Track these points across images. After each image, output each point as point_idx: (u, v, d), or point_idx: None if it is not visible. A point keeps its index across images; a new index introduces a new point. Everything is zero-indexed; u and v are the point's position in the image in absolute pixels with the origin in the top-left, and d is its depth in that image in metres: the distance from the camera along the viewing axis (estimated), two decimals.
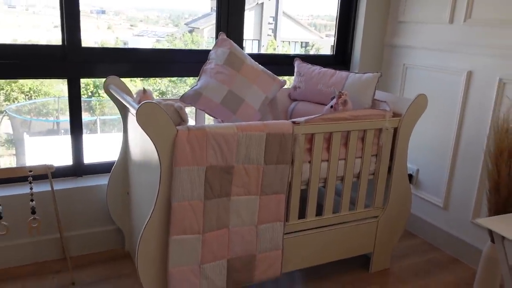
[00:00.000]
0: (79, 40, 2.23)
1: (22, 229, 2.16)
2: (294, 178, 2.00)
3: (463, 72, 2.47)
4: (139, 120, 1.62)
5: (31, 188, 2.04)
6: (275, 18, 11.69)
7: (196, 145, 1.71)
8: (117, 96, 2.07)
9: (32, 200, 2.06)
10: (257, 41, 11.60)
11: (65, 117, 9.59)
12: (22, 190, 2.19)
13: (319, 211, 2.15)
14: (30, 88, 11.13)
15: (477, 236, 2.43)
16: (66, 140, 2.38)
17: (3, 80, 11.25)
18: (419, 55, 2.75)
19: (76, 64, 2.25)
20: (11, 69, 2.15)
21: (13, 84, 11.01)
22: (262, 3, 11.34)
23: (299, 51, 12.35)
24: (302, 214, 2.10)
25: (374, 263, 2.38)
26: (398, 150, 2.23)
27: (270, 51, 10.84)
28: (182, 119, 1.79)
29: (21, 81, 10.92)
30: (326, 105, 2.29)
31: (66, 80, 2.27)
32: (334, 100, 2.16)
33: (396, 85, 2.93)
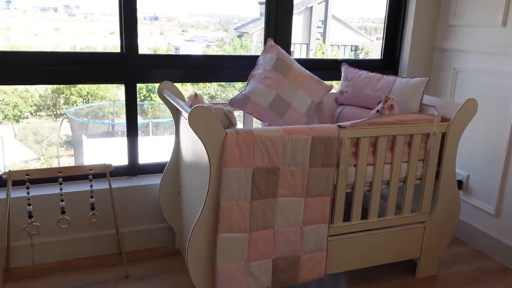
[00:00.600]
0: (136, 48, 2.37)
1: (82, 224, 2.32)
2: (340, 181, 2.03)
3: None
4: (191, 123, 1.71)
5: (91, 186, 2.20)
6: (324, 22, 11.65)
7: (244, 147, 1.78)
8: (170, 100, 2.19)
9: (92, 197, 2.22)
10: (306, 45, 11.61)
11: (120, 120, 10.04)
12: (82, 187, 2.35)
13: (365, 215, 2.16)
14: (87, 92, 11.74)
15: None
16: (121, 141, 2.53)
17: (64, 85, 11.86)
18: (470, 59, 2.70)
19: (133, 70, 2.40)
20: (74, 75, 2.32)
21: (72, 89, 11.64)
22: (311, 7, 11.34)
23: (348, 55, 12.23)
24: (347, 217, 2.12)
25: (420, 269, 2.36)
26: (447, 156, 2.21)
27: (318, 55, 10.82)
28: (231, 123, 1.87)
29: (79, 85, 11.54)
30: (372, 109, 2.30)
31: (122, 84, 2.42)
32: (380, 105, 2.17)
33: (446, 90, 2.88)
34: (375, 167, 2.09)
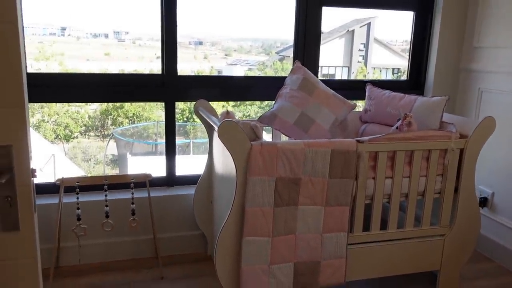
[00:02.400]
0: (175, 70, 2.63)
1: (124, 228, 2.55)
2: (359, 192, 2.16)
3: None
4: (220, 135, 1.92)
5: (132, 193, 2.43)
6: (366, 45, 11.73)
7: (268, 158, 1.96)
8: (204, 116, 2.41)
9: (132, 203, 2.45)
10: (347, 68, 11.72)
11: (163, 140, 10.48)
12: (124, 195, 2.60)
13: (384, 226, 2.28)
14: (133, 114, 12.32)
15: None
16: (162, 159, 2.76)
17: (111, 106, 12.50)
18: (494, 80, 2.78)
19: (172, 89, 2.65)
20: (121, 93, 2.60)
21: (119, 110, 12.27)
22: (353, 30, 11.47)
23: (390, 77, 12.22)
24: (367, 227, 2.24)
25: (441, 282, 2.42)
26: (465, 171, 2.29)
27: (360, 77, 10.91)
28: (257, 136, 2.06)
29: (126, 107, 12.15)
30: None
31: (163, 103, 2.67)
32: (400, 122, 2.30)
33: (471, 109, 2.96)
34: (393, 180, 2.21)
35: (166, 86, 2.64)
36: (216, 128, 2.03)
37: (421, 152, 2.22)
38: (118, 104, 11.44)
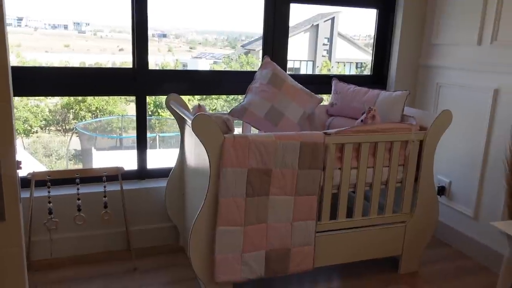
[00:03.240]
0: (146, 64, 2.65)
1: (96, 222, 2.56)
2: (326, 182, 2.27)
3: (490, 90, 2.65)
4: (194, 128, 1.97)
5: (104, 186, 2.45)
6: (330, 39, 11.91)
7: (240, 150, 2.03)
8: (176, 110, 2.45)
9: (105, 196, 2.47)
10: (312, 62, 11.89)
11: (128, 135, 10.33)
12: (96, 189, 2.61)
13: (350, 214, 2.40)
14: (96, 107, 12.06)
15: (506, 244, 2.56)
16: (128, 154, 2.78)
17: (73, 100, 12.19)
18: (451, 75, 2.95)
19: (144, 83, 2.67)
20: (90, 87, 2.60)
21: (81, 104, 11.98)
22: (317, 25, 11.62)
23: (354, 71, 12.48)
24: (334, 216, 2.36)
25: (403, 266, 2.58)
26: (424, 161, 2.44)
27: (324, 72, 11.10)
28: (229, 129, 2.12)
29: (89, 100, 11.88)
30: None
31: (129, 99, 2.69)
32: (364, 115, 2.42)
33: (430, 103, 3.13)
34: (358, 171, 2.33)
35: (138, 80, 2.66)
36: (189, 121, 2.08)
37: (384, 144, 2.34)
38: (80, 97, 11.18)
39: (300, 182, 2.17)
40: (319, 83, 3.09)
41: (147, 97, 2.73)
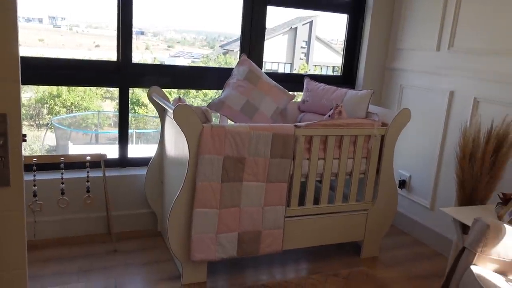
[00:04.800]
0: (130, 57, 2.80)
1: (78, 205, 2.70)
2: (295, 171, 2.47)
3: (446, 92, 2.91)
4: (175, 117, 2.15)
5: (87, 171, 2.59)
6: (308, 43, 12.15)
7: (217, 139, 2.22)
8: (158, 101, 2.62)
9: (87, 181, 2.61)
10: (290, 64, 12.11)
11: (103, 131, 10.32)
12: (79, 174, 2.75)
13: (317, 202, 2.61)
14: (71, 103, 11.98)
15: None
16: (104, 149, 2.89)
17: (48, 94, 12.07)
18: (412, 77, 3.21)
19: (127, 76, 2.83)
20: (76, 78, 2.74)
21: (56, 99, 11.88)
22: (296, 28, 11.84)
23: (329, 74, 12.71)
24: (302, 202, 2.56)
25: (364, 250, 2.81)
26: (385, 154, 2.68)
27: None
28: (207, 119, 2.30)
29: (64, 95, 11.80)
30: None
31: (105, 96, 2.83)
32: (332, 111, 2.64)
33: (394, 102, 3.38)
34: (325, 161, 2.54)
35: (121, 72, 2.81)
36: (171, 111, 2.25)
37: (349, 137, 2.57)
38: (55, 92, 11.13)
39: (272, 170, 2.37)
40: (293, 81, 3.29)
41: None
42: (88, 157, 2.59)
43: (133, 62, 2.83)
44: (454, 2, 2.85)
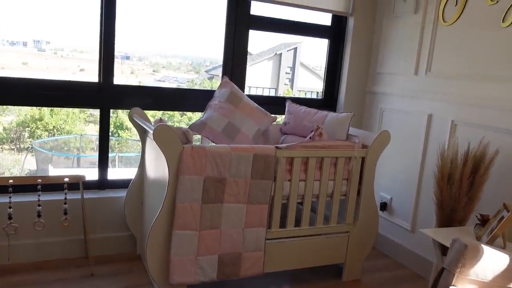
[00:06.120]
0: (112, 78, 2.80)
1: (55, 229, 2.64)
2: (276, 192, 2.47)
3: (424, 115, 2.96)
4: (155, 138, 2.14)
5: (65, 193, 2.55)
6: (292, 68, 12.32)
7: (197, 159, 2.21)
8: (139, 122, 2.61)
9: (65, 203, 2.56)
10: (274, 89, 12.24)
11: (86, 154, 10.20)
12: (57, 196, 2.69)
13: (298, 224, 2.60)
14: (54, 126, 11.85)
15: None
16: (86, 172, 2.84)
17: (30, 118, 11.93)
18: (392, 101, 3.27)
19: (108, 96, 2.82)
20: (56, 98, 2.72)
21: (38, 122, 11.74)
22: (281, 54, 12.02)
23: None
24: (283, 224, 2.55)
25: (346, 273, 2.79)
26: (366, 176, 2.69)
27: None
28: (188, 140, 2.30)
29: (46, 119, 11.67)
30: None
31: (88, 120, 2.81)
32: (313, 132, 2.66)
33: (375, 125, 3.43)
34: (306, 183, 2.54)
35: (103, 93, 2.80)
36: (151, 132, 2.24)
37: (330, 159, 2.58)
38: (37, 115, 11.03)
39: (252, 191, 2.36)
40: (275, 104, 3.32)
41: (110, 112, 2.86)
42: (66, 179, 2.54)
43: (114, 83, 2.82)
44: (431, 28, 2.93)
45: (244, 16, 3.12)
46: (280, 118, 3.28)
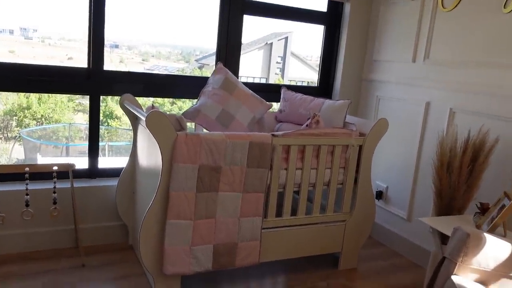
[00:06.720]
0: (102, 64, 2.71)
1: (44, 218, 2.57)
2: (272, 181, 2.41)
3: (422, 103, 2.91)
4: (148, 124, 2.06)
5: (54, 182, 2.47)
6: (283, 58, 12.24)
7: (192, 147, 2.14)
8: (130, 109, 2.53)
9: (54, 192, 2.48)
10: (265, 79, 12.16)
11: (75, 143, 10.05)
12: (46, 185, 2.61)
13: (294, 213, 2.55)
14: (42, 115, 11.65)
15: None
16: (75, 161, 2.76)
17: (17, 106, 11.74)
18: (389, 88, 3.22)
19: (98, 83, 2.73)
20: (44, 84, 2.62)
21: (26, 111, 11.54)
22: (271, 43, 11.91)
23: None
24: (280, 213, 2.50)
25: (342, 262, 2.75)
26: (363, 164, 2.65)
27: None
28: (182, 127, 2.23)
29: (34, 107, 11.46)
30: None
31: (77, 109, 2.72)
32: (309, 120, 2.60)
33: (371, 113, 3.38)
34: (303, 171, 2.49)
35: (92, 79, 2.71)
36: (143, 119, 2.17)
37: (327, 147, 2.53)
38: (25, 104, 10.82)
39: (248, 180, 2.30)
40: (269, 91, 3.25)
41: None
42: (55, 167, 2.46)
43: (104, 69, 2.73)
44: (429, 15, 2.88)
45: (238, 0, 3.03)
46: (275, 106, 3.21)
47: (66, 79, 2.67)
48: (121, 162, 2.82)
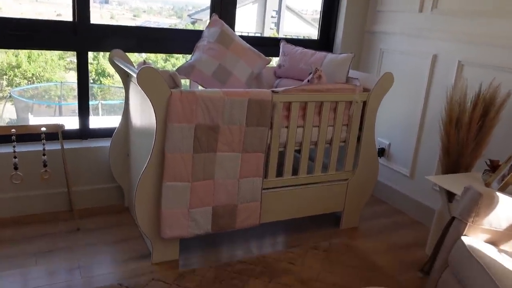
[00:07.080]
0: (88, 17, 2.52)
1: (35, 182, 2.47)
2: (273, 140, 2.30)
3: (429, 55, 2.77)
4: (139, 81, 1.92)
5: (43, 144, 2.34)
6: (278, 12, 11.87)
7: (187, 105, 2.01)
8: (120, 65, 2.37)
9: (44, 154, 2.36)
10: (260, 34, 11.83)
11: (67, 102, 9.85)
12: (35, 147, 2.49)
13: (296, 173, 2.46)
14: (33, 74, 11.36)
15: (437, 200, 2.74)
16: (68, 121, 2.63)
17: (7, 65, 11.43)
18: (393, 40, 3.05)
19: (85, 38, 2.55)
20: (25, 40, 2.43)
21: (16, 70, 11.23)
22: None
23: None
24: (280, 173, 2.41)
25: (344, 221, 2.69)
26: (367, 121, 2.53)
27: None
28: (176, 84, 2.09)
29: (24, 66, 11.16)
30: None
31: (68, 67, 2.55)
32: (311, 75, 2.46)
33: (374, 67, 3.23)
34: (304, 129, 2.38)
35: (79, 34, 2.53)
36: (134, 75, 2.02)
37: (329, 104, 2.40)
38: (14, 62, 10.51)
39: (248, 139, 2.19)
40: (267, 45, 3.08)
41: (88, 57, 2.61)
42: (43, 128, 2.33)
43: (91, 23, 2.55)
44: None
45: None
46: (274, 61, 3.06)
47: (51, 35, 2.49)
48: (114, 121, 2.70)
